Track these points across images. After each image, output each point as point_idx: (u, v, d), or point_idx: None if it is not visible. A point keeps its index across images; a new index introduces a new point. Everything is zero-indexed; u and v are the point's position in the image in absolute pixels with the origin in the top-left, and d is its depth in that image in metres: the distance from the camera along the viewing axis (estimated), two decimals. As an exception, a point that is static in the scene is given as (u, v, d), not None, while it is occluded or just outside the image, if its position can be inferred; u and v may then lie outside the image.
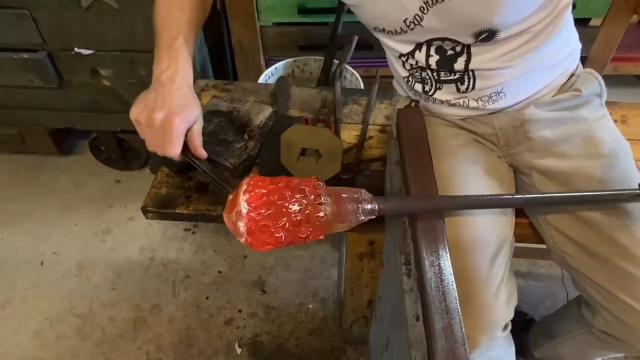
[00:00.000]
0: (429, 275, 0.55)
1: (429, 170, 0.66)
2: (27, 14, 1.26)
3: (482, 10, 0.66)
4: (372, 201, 0.59)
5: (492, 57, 0.73)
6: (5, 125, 1.61)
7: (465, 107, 0.82)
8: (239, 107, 1.04)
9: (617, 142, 0.79)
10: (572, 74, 0.83)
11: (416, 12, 0.69)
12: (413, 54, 0.77)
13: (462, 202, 0.66)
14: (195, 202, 0.90)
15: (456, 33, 0.71)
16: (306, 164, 0.89)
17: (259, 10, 1.39)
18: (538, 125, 0.80)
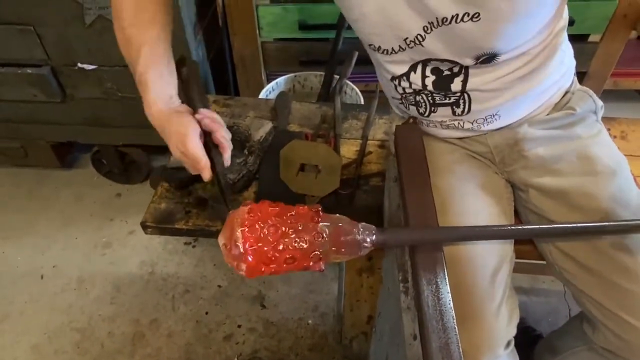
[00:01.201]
0: (425, 293, 0.55)
1: (426, 187, 0.66)
2: (31, 30, 1.28)
3: (486, 35, 0.65)
4: (371, 233, 0.58)
5: (490, 79, 0.73)
6: (8, 139, 1.62)
7: (460, 129, 0.82)
8: (239, 123, 1.04)
9: (613, 159, 0.78)
10: (567, 91, 0.83)
11: (419, 31, 0.68)
12: (408, 75, 0.76)
13: (462, 234, 0.65)
14: (194, 218, 0.90)
15: (457, 55, 0.70)
16: (305, 179, 0.89)
17: (260, 26, 1.41)
18: (532, 144, 0.80)
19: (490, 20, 0.63)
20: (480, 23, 0.63)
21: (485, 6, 0.62)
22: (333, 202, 0.93)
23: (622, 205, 0.73)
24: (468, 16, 0.63)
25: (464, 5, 0.62)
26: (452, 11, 0.63)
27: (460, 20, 0.64)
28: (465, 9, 0.63)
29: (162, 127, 0.70)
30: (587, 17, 1.38)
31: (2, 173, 1.78)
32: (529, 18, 0.65)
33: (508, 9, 0.62)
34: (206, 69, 1.45)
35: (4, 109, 1.50)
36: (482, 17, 0.63)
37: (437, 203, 0.66)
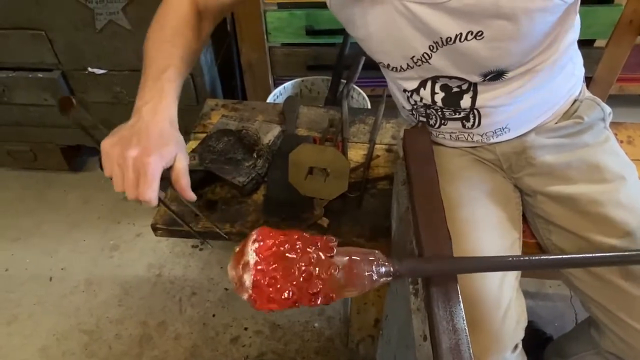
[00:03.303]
0: (435, 295, 0.56)
1: (435, 190, 0.67)
2: (43, 35, 1.30)
3: (492, 53, 0.66)
4: (387, 264, 0.55)
5: (498, 95, 0.73)
6: (18, 142, 1.64)
7: (469, 141, 0.83)
8: (248, 126, 1.06)
9: (622, 166, 0.78)
10: (576, 99, 0.83)
11: (425, 50, 0.69)
12: (418, 91, 0.77)
13: (478, 265, 0.61)
14: (204, 220, 0.91)
15: (464, 72, 0.70)
16: (314, 183, 0.90)
17: (268, 32, 1.42)
18: (540, 152, 0.80)
19: (495, 39, 0.64)
20: (485, 41, 0.64)
21: (488, 25, 0.62)
22: (341, 205, 0.93)
23: (630, 212, 0.73)
24: (472, 35, 0.63)
25: (467, 25, 0.63)
26: (456, 31, 0.64)
27: (464, 40, 0.64)
28: (469, 28, 0.63)
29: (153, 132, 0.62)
30: (592, 23, 1.39)
31: (11, 176, 1.79)
32: (535, 36, 0.65)
33: (512, 27, 0.62)
34: (214, 73, 1.47)
35: (14, 113, 1.52)
36: (485, 35, 0.63)
37: (446, 208, 0.65)
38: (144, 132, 0.62)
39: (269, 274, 0.52)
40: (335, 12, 0.74)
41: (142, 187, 0.59)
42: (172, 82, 0.68)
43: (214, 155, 0.99)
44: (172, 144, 0.63)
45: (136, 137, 0.61)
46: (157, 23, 0.74)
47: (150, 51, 0.71)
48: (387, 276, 0.54)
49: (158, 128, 0.63)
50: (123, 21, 1.25)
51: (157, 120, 0.64)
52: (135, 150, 0.59)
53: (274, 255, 0.53)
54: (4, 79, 1.40)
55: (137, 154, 0.59)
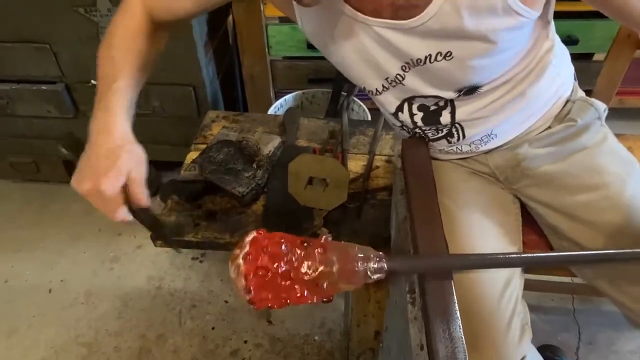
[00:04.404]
0: (432, 303, 0.55)
1: (433, 199, 0.67)
2: (47, 49, 1.32)
3: (462, 71, 0.66)
4: (381, 261, 0.56)
5: (476, 108, 0.73)
6: (21, 154, 1.65)
7: (459, 153, 0.82)
8: (249, 137, 1.06)
9: (622, 164, 0.77)
10: (568, 100, 0.81)
11: (397, 71, 0.69)
12: (397, 114, 0.77)
13: (472, 262, 0.63)
14: (203, 230, 0.91)
15: (438, 90, 0.71)
16: (313, 193, 0.91)
17: (269, 45, 1.44)
18: (536, 162, 0.79)
19: (464, 58, 0.64)
20: (454, 61, 0.64)
21: (457, 46, 0.63)
22: (340, 215, 0.93)
23: (634, 216, 0.71)
24: (441, 55, 0.64)
25: (436, 46, 0.63)
26: (425, 52, 0.65)
27: (434, 60, 0.65)
28: (437, 49, 0.64)
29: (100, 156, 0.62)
30: (591, 37, 1.40)
31: (14, 188, 1.80)
32: (503, 53, 0.65)
33: (481, 46, 0.62)
34: (216, 86, 1.48)
35: (18, 125, 1.53)
36: (454, 55, 0.64)
37: (444, 221, 0.65)
38: (93, 159, 0.62)
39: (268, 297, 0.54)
40: (309, 39, 0.75)
41: (107, 212, 0.61)
42: (121, 93, 0.66)
43: (214, 165, 0.99)
44: (123, 159, 0.62)
45: (89, 168, 0.61)
46: (109, 33, 0.73)
47: (101, 61, 0.71)
48: (380, 272, 0.55)
49: (104, 150, 0.62)
50: (126, 35, 1.26)
51: (104, 142, 0.63)
52: (88, 182, 0.60)
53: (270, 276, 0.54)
54: (8, 91, 1.42)
55: (91, 186, 0.60)
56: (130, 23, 0.72)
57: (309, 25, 0.72)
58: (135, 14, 0.73)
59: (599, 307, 1.38)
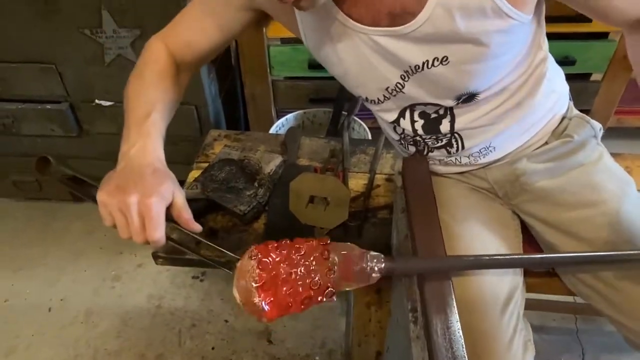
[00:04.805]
0: (434, 322, 0.56)
1: (434, 218, 0.67)
2: (53, 69, 1.34)
3: (459, 76, 0.68)
4: (380, 261, 0.59)
5: (475, 117, 0.75)
6: (24, 173, 1.66)
7: (458, 165, 0.83)
8: (250, 156, 1.07)
9: (618, 182, 0.78)
10: (564, 117, 0.83)
11: (397, 80, 0.71)
12: (398, 121, 0.79)
13: (470, 263, 0.65)
14: (204, 248, 0.91)
15: (437, 97, 0.73)
16: (314, 212, 0.91)
17: (271, 65, 1.47)
18: (534, 177, 0.80)
19: (460, 62, 0.66)
20: (451, 66, 0.66)
21: (452, 50, 0.65)
22: (341, 234, 0.93)
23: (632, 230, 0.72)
24: (437, 61, 0.66)
25: (432, 52, 0.66)
26: (422, 58, 0.67)
27: (431, 66, 0.67)
28: (434, 55, 0.66)
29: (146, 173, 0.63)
30: (588, 57, 1.43)
31: (16, 206, 1.81)
32: (498, 58, 0.67)
33: (475, 50, 0.64)
34: (218, 105, 1.50)
35: (22, 143, 1.55)
36: (450, 60, 0.66)
37: (444, 237, 0.66)
38: (137, 175, 0.63)
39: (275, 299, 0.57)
40: (313, 54, 0.77)
41: (149, 229, 0.60)
42: (156, 125, 0.69)
43: (215, 184, 1.00)
44: (168, 182, 0.64)
45: (132, 182, 0.61)
46: (136, 72, 0.77)
47: (131, 99, 0.73)
48: (381, 272, 0.59)
49: (150, 169, 0.64)
50: (131, 55, 1.29)
51: (148, 161, 0.65)
52: (135, 195, 0.60)
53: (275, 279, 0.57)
54: (13, 110, 1.44)
55: (138, 199, 0.60)
56: (156, 67, 0.76)
57: (312, 40, 0.74)
58: (160, 57, 0.77)
59: (602, 328, 1.37)
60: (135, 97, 0.73)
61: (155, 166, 0.65)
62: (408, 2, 0.62)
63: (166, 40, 0.79)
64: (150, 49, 0.78)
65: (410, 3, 0.62)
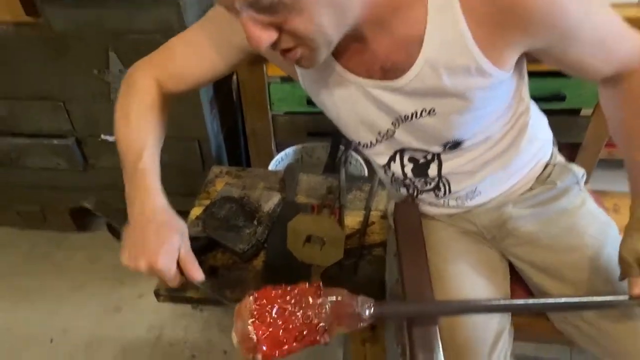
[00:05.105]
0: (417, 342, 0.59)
1: (423, 263, 0.71)
2: (61, 106, 1.39)
3: (445, 126, 0.73)
4: (369, 306, 0.62)
5: (461, 163, 0.79)
6: (29, 204, 1.70)
7: (446, 207, 0.87)
8: (250, 194, 1.11)
9: (601, 228, 0.82)
10: (547, 163, 0.87)
11: (389, 126, 0.76)
12: (389, 165, 0.84)
13: (456, 308, 0.69)
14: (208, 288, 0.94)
15: (425, 144, 0.77)
16: (311, 251, 0.94)
17: (271, 101, 1.51)
18: (520, 222, 0.84)
19: (446, 114, 0.71)
20: (437, 117, 0.71)
21: (438, 103, 0.70)
22: (337, 272, 0.97)
23: (611, 275, 0.75)
24: (426, 112, 0.71)
25: (421, 104, 0.70)
26: (412, 109, 0.71)
27: (420, 116, 0.72)
28: (422, 106, 0.71)
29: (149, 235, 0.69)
30: (578, 94, 1.47)
31: (20, 235, 1.84)
32: (481, 110, 0.72)
33: (459, 103, 0.69)
34: (220, 140, 1.55)
35: (28, 176, 1.59)
36: (437, 112, 0.71)
37: (434, 279, 0.70)
38: (140, 239, 0.69)
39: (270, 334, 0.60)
40: (311, 97, 0.82)
41: (167, 282, 0.70)
42: (149, 170, 0.74)
43: (216, 222, 1.04)
44: (171, 236, 0.70)
45: (140, 248, 0.69)
46: (122, 112, 0.79)
47: (122, 143, 0.77)
48: (371, 317, 0.62)
49: (153, 227, 0.70)
50: (136, 94, 1.34)
51: (149, 221, 0.70)
52: (143, 262, 0.68)
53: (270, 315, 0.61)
54: (20, 145, 1.48)
55: (147, 266, 0.68)
56: (146, 97, 0.79)
57: (309, 85, 0.79)
58: (149, 88, 0.80)
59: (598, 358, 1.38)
60: (125, 136, 0.77)
61: (157, 223, 0.70)
62: (399, 59, 0.66)
63: (156, 71, 0.81)
64: (137, 85, 0.80)
65: (401, 60, 0.66)
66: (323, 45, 0.60)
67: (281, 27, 0.57)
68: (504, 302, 0.71)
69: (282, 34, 0.58)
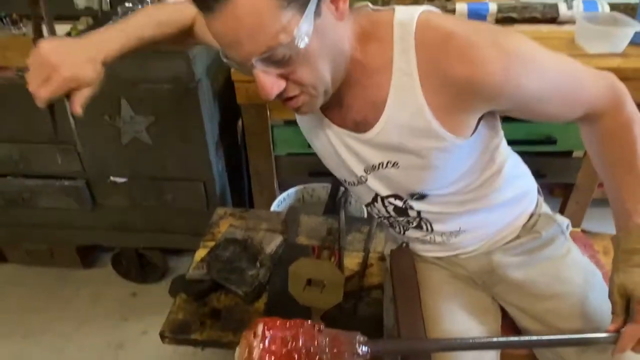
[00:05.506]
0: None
1: (417, 309, 0.75)
2: (72, 149, 1.45)
3: (408, 179, 0.79)
4: (366, 344, 0.66)
5: (432, 210, 0.84)
6: (37, 242, 1.74)
7: (433, 243, 0.91)
8: (253, 236, 1.16)
9: (586, 277, 0.85)
10: (532, 213, 0.91)
11: (362, 173, 0.82)
12: (373, 203, 0.89)
13: (447, 345, 0.72)
14: (208, 329, 0.98)
15: (394, 191, 0.83)
16: (311, 294, 0.98)
17: (274, 143, 1.58)
18: (509, 270, 0.88)
19: (408, 168, 0.77)
20: (400, 170, 0.77)
21: (401, 157, 0.76)
22: (337, 314, 1.00)
23: (597, 322, 0.79)
24: (390, 164, 0.77)
25: (386, 156, 0.77)
26: (378, 160, 0.78)
27: (385, 167, 0.78)
28: (387, 159, 0.77)
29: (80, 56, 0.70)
30: (568, 137, 1.53)
31: (27, 272, 1.88)
32: (441, 169, 0.76)
33: (419, 161, 0.75)
34: (224, 181, 1.60)
35: (38, 215, 1.64)
36: (400, 165, 0.77)
37: (428, 319, 0.73)
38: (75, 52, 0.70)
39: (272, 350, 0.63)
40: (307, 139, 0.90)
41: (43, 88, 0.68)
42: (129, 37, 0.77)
43: (220, 264, 1.08)
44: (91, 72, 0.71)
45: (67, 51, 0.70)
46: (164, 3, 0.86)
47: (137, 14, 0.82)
48: (368, 354, 0.65)
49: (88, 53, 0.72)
50: (145, 137, 1.40)
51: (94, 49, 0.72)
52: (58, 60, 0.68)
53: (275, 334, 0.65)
54: (32, 186, 1.54)
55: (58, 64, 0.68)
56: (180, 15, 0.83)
57: (303, 129, 0.88)
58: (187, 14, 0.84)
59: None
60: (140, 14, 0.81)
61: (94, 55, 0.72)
62: (368, 115, 0.74)
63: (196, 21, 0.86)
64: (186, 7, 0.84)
65: (369, 116, 0.74)
66: (322, 92, 0.68)
67: (288, 77, 0.64)
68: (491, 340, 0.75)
69: (288, 83, 0.65)
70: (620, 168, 0.74)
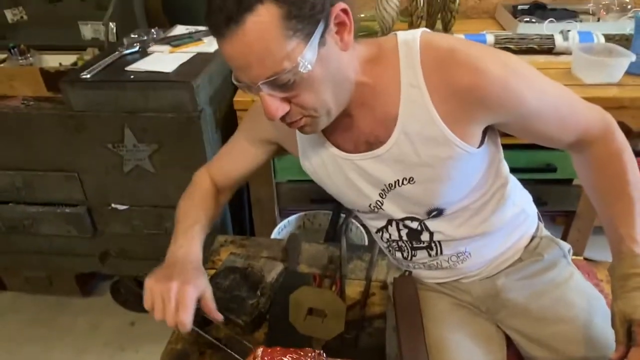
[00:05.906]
0: None
1: (420, 339, 0.74)
2: (75, 177, 1.46)
3: (424, 194, 0.80)
4: None
5: (447, 229, 0.85)
6: (37, 269, 1.73)
7: (439, 268, 0.91)
8: (254, 264, 1.15)
9: (589, 301, 0.85)
10: (533, 236, 0.93)
11: (377, 198, 0.83)
12: (387, 227, 0.90)
13: None
14: (208, 359, 0.96)
15: (411, 212, 0.84)
16: (312, 323, 0.97)
17: (275, 170, 1.59)
18: (512, 294, 0.88)
19: (423, 182, 0.78)
20: (417, 185, 0.79)
21: (415, 172, 0.78)
22: (338, 345, 0.98)
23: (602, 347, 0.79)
24: (406, 180, 0.79)
25: (401, 172, 0.79)
26: (394, 178, 0.80)
27: (402, 184, 0.80)
28: (403, 175, 0.79)
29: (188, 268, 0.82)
30: (567, 165, 1.53)
31: (25, 300, 1.86)
32: (455, 179, 0.78)
33: (433, 173, 0.77)
34: (225, 208, 1.60)
35: (37, 242, 1.63)
36: (416, 180, 0.78)
37: (432, 349, 0.73)
38: (180, 268, 0.80)
39: None
40: (310, 176, 0.92)
41: (181, 312, 0.75)
42: (199, 234, 0.89)
43: (220, 292, 1.07)
44: (203, 278, 0.82)
45: (176, 272, 0.79)
46: (186, 195, 0.98)
47: (181, 214, 0.93)
48: None
49: (192, 265, 0.82)
50: (148, 166, 1.41)
51: (191, 259, 0.84)
52: (176, 282, 0.76)
53: None
54: (33, 213, 1.54)
55: (178, 285, 0.76)
56: (202, 191, 0.98)
57: (309, 166, 0.89)
58: (206, 181, 1.00)
59: None
60: (184, 213, 0.93)
61: (195, 264, 0.83)
62: (380, 132, 0.76)
63: (210, 171, 1.01)
64: (199, 179, 1.01)
65: (382, 133, 0.76)
66: (324, 115, 0.71)
67: (291, 100, 0.68)
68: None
69: (292, 106, 0.69)
70: (612, 194, 0.77)
